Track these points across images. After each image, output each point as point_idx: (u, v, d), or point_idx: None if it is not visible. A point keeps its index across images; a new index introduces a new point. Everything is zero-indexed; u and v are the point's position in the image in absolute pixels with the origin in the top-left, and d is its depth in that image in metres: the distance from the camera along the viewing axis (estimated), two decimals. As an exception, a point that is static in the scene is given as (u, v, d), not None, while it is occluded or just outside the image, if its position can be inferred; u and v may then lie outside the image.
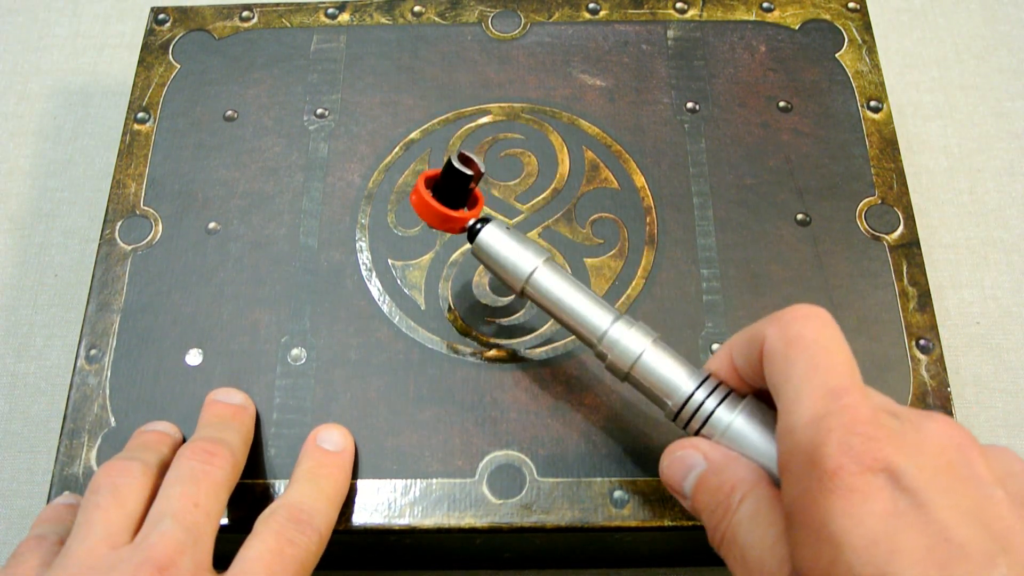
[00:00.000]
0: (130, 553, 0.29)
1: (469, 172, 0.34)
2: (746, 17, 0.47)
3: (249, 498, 0.36)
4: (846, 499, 0.24)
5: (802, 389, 0.26)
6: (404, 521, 0.35)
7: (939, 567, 0.22)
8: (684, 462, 0.30)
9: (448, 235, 0.41)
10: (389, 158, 0.43)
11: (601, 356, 0.33)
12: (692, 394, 0.31)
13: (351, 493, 0.36)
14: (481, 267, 0.41)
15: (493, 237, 0.35)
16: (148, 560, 0.29)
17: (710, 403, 0.31)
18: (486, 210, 0.40)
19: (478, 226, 0.35)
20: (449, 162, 0.33)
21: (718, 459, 0.30)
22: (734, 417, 0.30)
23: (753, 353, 0.29)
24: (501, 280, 0.35)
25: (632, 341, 0.32)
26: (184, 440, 0.36)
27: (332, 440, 0.36)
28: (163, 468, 0.34)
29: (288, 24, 0.47)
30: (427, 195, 0.34)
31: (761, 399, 0.31)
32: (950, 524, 0.23)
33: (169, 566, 0.29)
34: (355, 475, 0.36)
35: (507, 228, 0.35)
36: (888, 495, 0.24)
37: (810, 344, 0.27)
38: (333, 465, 0.35)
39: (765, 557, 0.26)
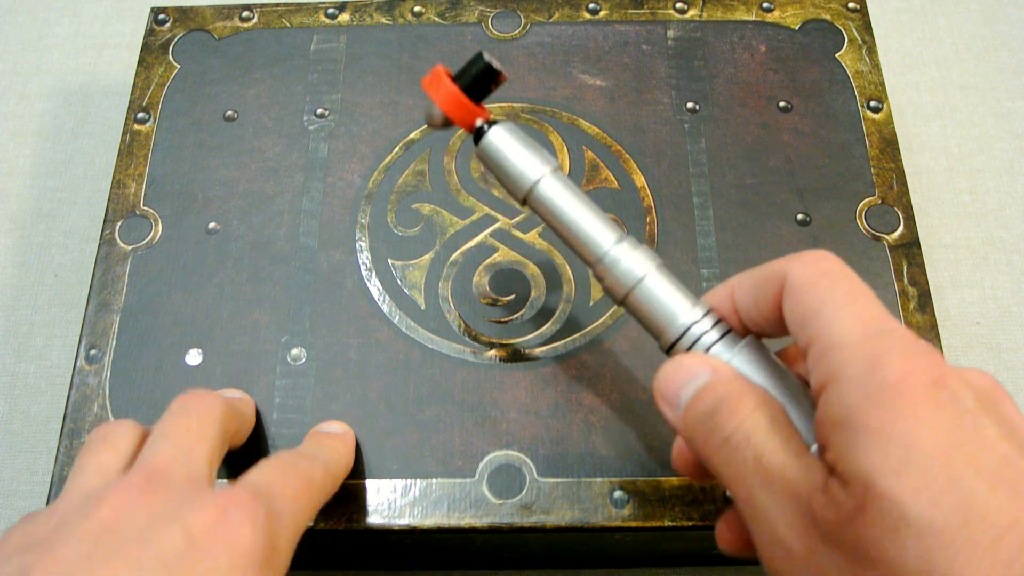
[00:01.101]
0: (122, 475, 0.29)
1: (498, 67, 0.32)
2: (746, 17, 0.47)
3: (249, 498, 0.36)
4: (917, 405, 0.23)
5: (844, 312, 0.26)
6: (404, 521, 0.35)
7: (1008, 485, 0.23)
8: (689, 371, 0.29)
9: (448, 234, 0.41)
10: (389, 158, 0.43)
11: (600, 277, 0.32)
12: (692, 325, 0.30)
13: (351, 492, 0.36)
14: (481, 267, 0.41)
15: (500, 139, 0.32)
16: (139, 469, 0.29)
17: (710, 336, 0.29)
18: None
19: (485, 126, 0.33)
20: (480, 53, 0.32)
21: (728, 373, 0.28)
22: (734, 354, 0.29)
23: (766, 291, 0.28)
24: (504, 186, 0.33)
25: (634, 263, 0.31)
26: None
27: (332, 428, 0.37)
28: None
29: (288, 24, 0.47)
30: (445, 77, 0.33)
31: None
32: (1009, 451, 0.23)
33: (160, 472, 0.28)
34: (355, 475, 0.36)
35: (517, 131, 0.33)
36: (954, 410, 0.24)
37: (842, 277, 0.27)
38: (334, 440, 0.36)
39: (790, 463, 0.26)
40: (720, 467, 0.27)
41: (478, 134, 0.33)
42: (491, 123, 0.33)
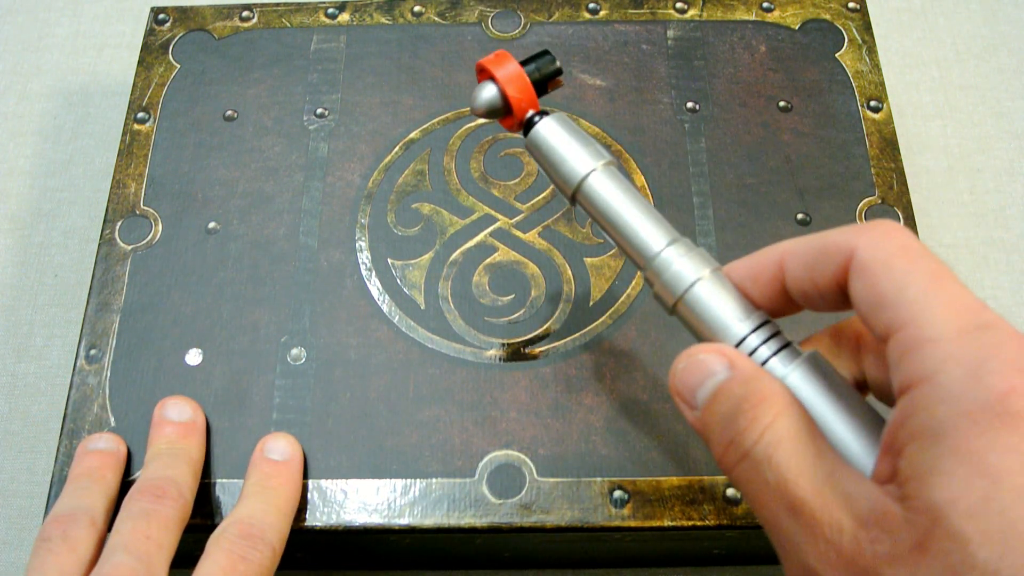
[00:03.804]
0: None
1: (559, 66, 0.32)
2: (746, 17, 0.47)
3: (249, 498, 0.36)
4: (1017, 430, 0.20)
5: (933, 298, 0.22)
6: (404, 521, 0.35)
7: None
8: (705, 366, 0.26)
9: (448, 234, 0.41)
10: (389, 158, 0.43)
11: (650, 284, 0.29)
12: (746, 337, 0.27)
13: (351, 492, 0.36)
14: (481, 266, 0.41)
15: (550, 131, 0.31)
16: None
17: (764, 351, 0.27)
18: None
19: (536, 117, 0.31)
20: (547, 51, 0.32)
21: (747, 369, 0.25)
22: (790, 371, 0.26)
23: (825, 266, 0.25)
24: (553, 183, 0.32)
25: (685, 268, 0.28)
26: (129, 453, 0.37)
27: (279, 450, 0.36)
28: (108, 502, 0.34)
29: (288, 24, 0.47)
30: (513, 58, 0.32)
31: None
32: None
33: None
34: (355, 474, 0.36)
35: (570, 124, 0.31)
36: None
37: (923, 255, 0.23)
38: (281, 476, 0.35)
39: (821, 490, 0.23)
40: (740, 483, 0.25)
41: (528, 125, 0.32)
42: (542, 114, 0.32)
